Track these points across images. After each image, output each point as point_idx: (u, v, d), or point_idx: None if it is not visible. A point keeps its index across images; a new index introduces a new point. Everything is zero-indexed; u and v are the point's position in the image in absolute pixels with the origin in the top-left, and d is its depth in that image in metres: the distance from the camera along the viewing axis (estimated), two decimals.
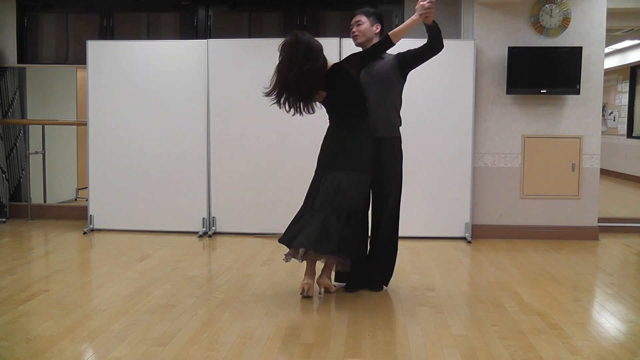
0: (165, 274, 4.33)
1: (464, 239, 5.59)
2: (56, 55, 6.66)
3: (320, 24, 6.35)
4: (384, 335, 3.17)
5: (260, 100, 5.58)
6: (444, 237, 5.60)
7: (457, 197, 5.60)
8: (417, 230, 5.57)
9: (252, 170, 5.67)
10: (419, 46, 3.70)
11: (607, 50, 9.12)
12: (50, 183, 6.74)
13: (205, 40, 5.73)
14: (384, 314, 3.51)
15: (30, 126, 6.65)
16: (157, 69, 5.75)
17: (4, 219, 6.33)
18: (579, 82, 5.49)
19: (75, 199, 7.10)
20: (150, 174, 5.80)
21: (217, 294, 3.86)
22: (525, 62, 5.51)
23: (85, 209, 6.01)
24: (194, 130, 5.73)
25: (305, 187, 3.87)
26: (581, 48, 5.49)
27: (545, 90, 5.53)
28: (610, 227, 5.99)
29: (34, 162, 6.56)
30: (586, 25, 5.58)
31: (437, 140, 5.55)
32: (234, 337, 3.10)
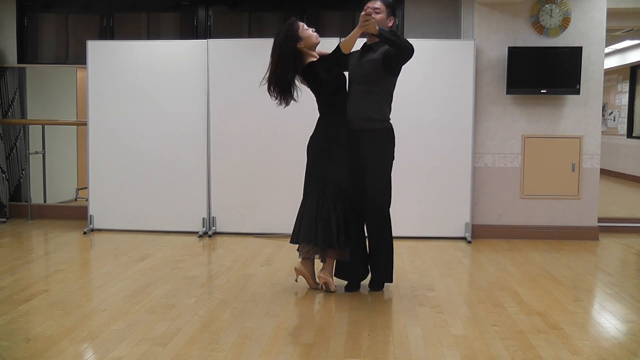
0: (165, 274, 4.33)
1: (464, 239, 5.59)
2: (56, 55, 6.66)
3: (320, 24, 6.35)
4: (384, 335, 3.17)
5: (260, 100, 5.61)
6: (444, 237, 5.60)
7: (457, 197, 5.60)
8: (417, 230, 5.57)
9: (252, 170, 5.67)
10: None
11: (607, 50, 9.11)
12: (50, 183, 6.74)
13: (205, 40, 5.73)
14: (384, 314, 3.51)
15: (30, 126, 6.65)
16: (157, 69, 5.75)
17: (4, 219, 6.33)
18: (579, 82, 5.49)
19: (75, 199, 7.10)
20: (150, 174, 5.80)
21: (217, 294, 3.86)
22: (525, 62, 5.51)
23: (85, 209, 6.01)
24: (194, 130, 5.73)
25: None
26: (581, 48, 5.49)
27: (545, 90, 5.53)
28: (610, 227, 5.99)
29: (34, 162, 6.56)
30: (586, 25, 5.58)
31: (437, 140, 5.55)
32: (234, 337, 3.10)
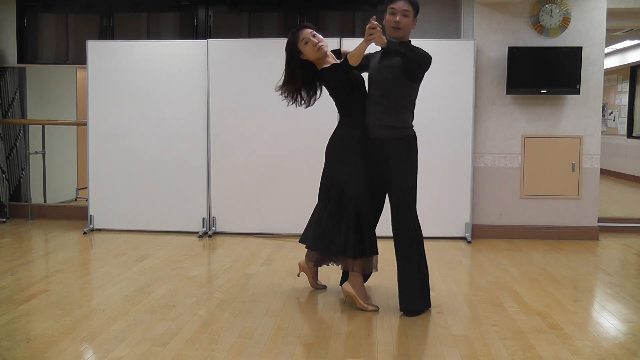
0: (165, 274, 4.33)
1: (464, 239, 5.59)
2: (56, 55, 6.66)
3: (320, 24, 6.34)
4: (384, 335, 3.17)
5: (260, 100, 5.64)
6: (444, 237, 5.60)
7: (457, 197, 5.60)
8: None
9: (252, 170, 5.67)
10: None
11: (607, 50, 9.12)
12: (50, 183, 6.74)
13: (205, 40, 5.73)
14: (384, 314, 3.50)
15: (30, 126, 6.65)
16: (157, 69, 5.75)
17: (4, 219, 6.33)
18: (579, 82, 5.49)
19: (75, 199, 7.10)
20: (150, 174, 5.80)
21: (217, 294, 3.86)
22: (525, 62, 5.51)
23: (85, 209, 6.01)
24: (194, 130, 5.73)
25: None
26: (581, 48, 5.48)
27: (545, 90, 5.53)
28: (610, 227, 5.99)
29: (34, 162, 6.56)
30: (586, 25, 5.58)
31: (437, 140, 5.55)
32: (234, 337, 3.10)
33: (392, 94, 3.53)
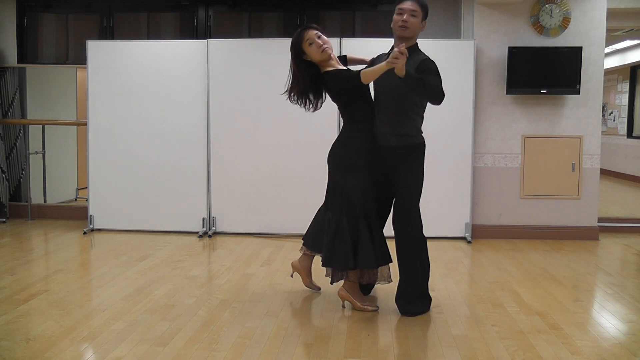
0: (165, 274, 4.33)
1: (464, 239, 5.59)
2: (56, 55, 6.66)
3: (320, 24, 6.34)
4: (384, 335, 3.17)
5: (260, 100, 5.64)
6: (444, 237, 5.60)
7: (457, 197, 5.60)
8: None
9: (252, 170, 5.67)
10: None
11: (607, 50, 9.12)
12: (50, 183, 6.74)
13: (205, 40, 5.73)
14: (384, 314, 3.50)
15: (30, 126, 6.65)
16: (157, 69, 5.75)
17: (4, 219, 6.33)
18: (579, 82, 5.49)
19: (75, 199, 7.11)
20: (150, 173, 5.80)
21: (217, 294, 3.86)
22: (525, 62, 5.51)
23: (85, 209, 6.01)
24: (194, 130, 5.73)
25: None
26: (581, 48, 5.48)
27: (545, 90, 5.53)
28: (610, 227, 5.99)
29: (34, 162, 6.56)
30: (586, 25, 5.58)
31: (437, 140, 5.53)
32: (234, 337, 3.10)
33: (403, 100, 3.46)
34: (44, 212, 6.54)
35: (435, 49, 5.54)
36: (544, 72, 5.50)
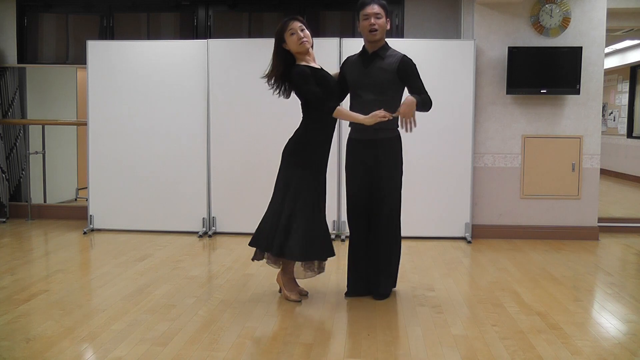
0: (165, 274, 4.33)
1: (464, 239, 5.59)
2: (56, 55, 6.66)
3: (320, 24, 6.35)
4: (384, 335, 3.17)
5: (260, 100, 5.63)
6: (444, 237, 5.60)
7: (457, 197, 5.60)
8: (417, 230, 5.57)
9: (252, 170, 5.67)
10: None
11: (607, 50, 9.12)
12: (50, 183, 6.74)
13: (205, 40, 5.73)
14: (384, 314, 3.51)
15: (30, 126, 6.65)
16: (157, 69, 5.75)
17: (4, 219, 6.33)
18: (579, 82, 5.49)
19: (75, 199, 7.11)
20: (150, 174, 5.80)
21: (217, 294, 3.86)
22: (525, 62, 5.51)
23: (85, 209, 6.01)
24: (194, 130, 5.73)
25: None
26: (581, 48, 5.48)
27: (545, 90, 5.53)
28: (610, 227, 6.00)
29: (34, 162, 6.56)
30: (586, 25, 5.58)
31: (437, 140, 5.55)
32: (234, 337, 3.11)
33: (389, 94, 3.65)
34: (44, 212, 6.54)
35: (435, 49, 5.58)
36: (544, 72, 5.50)
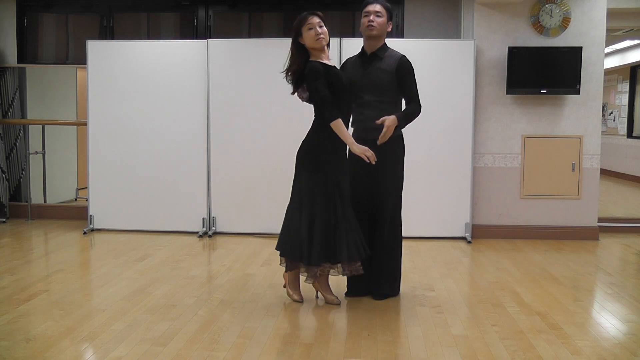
0: (165, 274, 4.33)
1: (464, 239, 5.59)
2: (56, 55, 6.66)
3: None
4: (384, 335, 3.17)
5: (260, 99, 5.64)
6: (444, 237, 5.60)
7: (457, 197, 5.60)
8: (417, 230, 5.57)
9: (252, 170, 5.67)
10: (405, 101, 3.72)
11: (607, 50, 9.12)
12: (50, 183, 6.74)
13: (205, 40, 5.73)
14: (384, 314, 3.51)
15: (30, 126, 6.65)
16: (157, 69, 5.75)
17: (4, 219, 6.33)
18: (579, 82, 5.49)
19: (75, 199, 7.11)
20: (150, 174, 5.80)
21: (217, 294, 3.86)
22: (525, 62, 5.51)
23: (85, 209, 6.01)
24: (194, 130, 5.73)
25: None
26: (581, 48, 5.48)
27: (545, 90, 5.53)
28: (610, 227, 6.00)
29: (34, 162, 6.56)
30: (586, 25, 5.58)
31: (437, 140, 5.55)
32: (234, 337, 3.10)
33: (389, 95, 3.67)
34: (44, 212, 6.53)
35: (435, 49, 5.58)
36: (544, 72, 5.50)
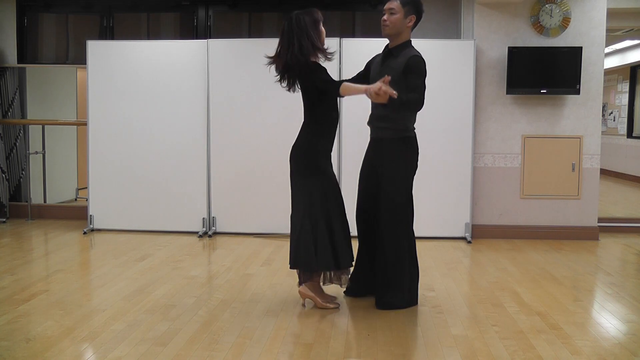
0: (165, 274, 4.33)
1: (464, 239, 5.59)
2: (56, 55, 6.66)
3: None
4: (384, 335, 3.17)
5: (260, 100, 5.64)
6: (444, 237, 5.60)
7: (457, 197, 5.60)
8: (417, 230, 5.48)
9: (252, 170, 5.67)
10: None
11: (607, 50, 9.13)
12: (50, 183, 6.74)
13: (205, 40, 5.73)
14: (384, 314, 3.51)
15: (30, 126, 6.65)
16: (157, 69, 5.75)
17: (4, 219, 6.33)
18: (579, 82, 5.49)
19: (75, 199, 7.11)
20: (150, 173, 5.80)
21: (217, 294, 3.86)
22: (525, 62, 5.51)
23: (85, 209, 6.01)
24: (194, 130, 5.73)
25: None
26: (581, 48, 5.49)
27: (545, 90, 5.53)
28: (610, 227, 6.00)
29: (34, 162, 6.56)
30: (586, 25, 5.58)
31: (437, 140, 5.55)
32: (234, 337, 3.10)
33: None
34: (44, 212, 6.54)
35: (435, 49, 5.58)
36: (544, 72, 5.50)
